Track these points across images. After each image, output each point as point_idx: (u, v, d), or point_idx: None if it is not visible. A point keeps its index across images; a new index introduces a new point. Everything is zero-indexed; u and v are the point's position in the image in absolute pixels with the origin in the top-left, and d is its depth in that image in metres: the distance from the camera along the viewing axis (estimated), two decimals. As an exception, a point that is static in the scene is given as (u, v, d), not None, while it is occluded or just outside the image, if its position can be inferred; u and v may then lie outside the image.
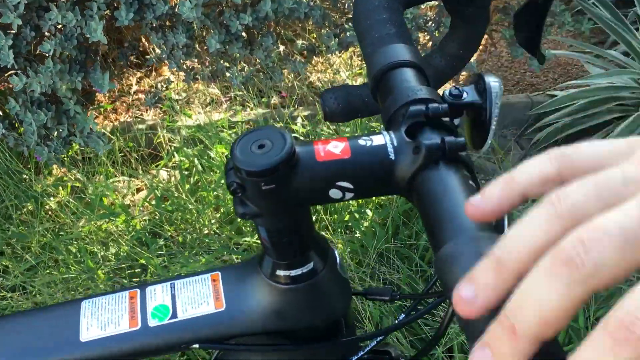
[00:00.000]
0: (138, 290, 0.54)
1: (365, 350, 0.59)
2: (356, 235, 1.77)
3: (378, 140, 0.44)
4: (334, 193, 0.44)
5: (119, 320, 0.51)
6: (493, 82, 0.47)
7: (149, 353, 0.51)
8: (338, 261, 0.54)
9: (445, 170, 0.42)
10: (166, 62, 1.70)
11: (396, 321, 0.58)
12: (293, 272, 0.50)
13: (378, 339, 0.57)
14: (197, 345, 0.52)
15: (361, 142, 0.44)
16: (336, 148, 0.44)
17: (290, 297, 0.51)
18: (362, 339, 0.57)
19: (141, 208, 1.94)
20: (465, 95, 0.47)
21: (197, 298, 0.52)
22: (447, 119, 0.46)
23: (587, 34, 2.08)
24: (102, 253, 1.78)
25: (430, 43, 1.97)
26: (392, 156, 0.43)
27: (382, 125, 0.51)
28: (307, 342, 0.55)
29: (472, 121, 0.50)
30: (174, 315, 0.52)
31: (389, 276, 1.63)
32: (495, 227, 0.42)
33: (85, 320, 0.52)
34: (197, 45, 1.73)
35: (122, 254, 1.78)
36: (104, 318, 0.52)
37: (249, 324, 0.52)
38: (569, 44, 2.91)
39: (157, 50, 1.70)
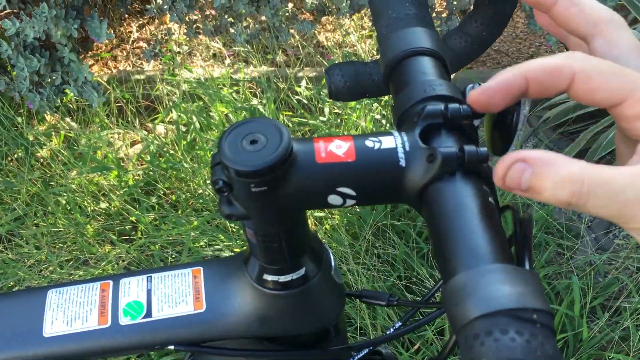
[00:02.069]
0: (111, 282, 0.49)
1: (356, 358, 0.54)
2: (354, 206, 1.72)
3: (388, 142, 0.38)
4: (333, 199, 0.38)
5: (87, 315, 0.47)
6: (523, 82, 0.41)
7: (117, 353, 0.47)
8: (333, 265, 0.49)
9: (462, 184, 0.36)
10: (167, 13, 1.62)
11: (391, 329, 0.53)
12: (282, 278, 0.45)
13: (368, 349, 0.53)
14: (172, 347, 0.47)
15: (368, 143, 0.38)
16: (339, 149, 0.38)
17: (278, 304, 0.46)
18: (353, 348, 0.52)
19: (135, 163, 1.89)
20: (490, 94, 0.41)
21: (175, 296, 0.48)
22: (467, 121, 0.40)
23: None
24: (92, 207, 1.73)
25: (447, 12, 1.88)
26: (403, 163, 0.37)
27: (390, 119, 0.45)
28: (292, 349, 0.51)
29: (495, 123, 0.44)
30: (149, 314, 0.47)
31: (383, 252, 1.59)
32: (517, 258, 0.37)
33: (51, 312, 0.47)
34: (201, -2, 1.64)
35: (112, 209, 1.74)
36: (70, 312, 0.47)
37: (230, 329, 0.47)
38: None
39: (159, 1, 1.62)
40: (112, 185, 1.79)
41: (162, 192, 1.79)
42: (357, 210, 1.68)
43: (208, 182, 1.80)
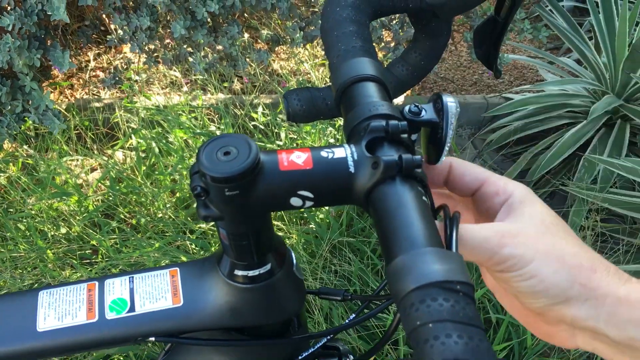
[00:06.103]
0: (96, 283, 0.54)
1: (315, 347, 0.61)
2: (311, 226, 1.79)
3: (339, 153, 0.46)
4: (295, 201, 0.46)
5: (77, 311, 0.52)
6: (450, 102, 0.49)
7: (105, 345, 0.52)
8: (294, 263, 0.56)
9: (401, 186, 0.44)
10: (128, 43, 1.68)
11: (347, 320, 0.60)
12: (251, 273, 0.52)
13: (328, 337, 0.60)
14: (153, 338, 0.53)
15: (323, 153, 0.46)
16: (299, 158, 0.46)
17: (247, 296, 0.53)
18: (313, 336, 0.59)
19: (95, 189, 1.92)
20: (423, 113, 0.49)
21: (155, 293, 0.54)
22: (405, 135, 0.48)
23: (544, 41, 2.15)
24: (52, 233, 1.75)
25: (394, 42, 2.00)
26: (352, 169, 0.45)
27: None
28: (260, 338, 0.57)
29: (429, 137, 0.52)
30: (132, 308, 0.53)
31: (340, 268, 1.67)
32: (445, 243, 0.45)
33: (43, 310, 0.52)
34: (160, 29, 1.71)
35: (73, 234, 1.76)
36: (61, 309, 0.52)
37: (205, 320, 0.54)
38: (524, 49, 2.99)
39: (120, 32, 1.68)
40: (72, 211, 1.81)
41: (123, 216, 1.83)
42: (314, 229, 1.76)
43: (168, 205, 1.85)
